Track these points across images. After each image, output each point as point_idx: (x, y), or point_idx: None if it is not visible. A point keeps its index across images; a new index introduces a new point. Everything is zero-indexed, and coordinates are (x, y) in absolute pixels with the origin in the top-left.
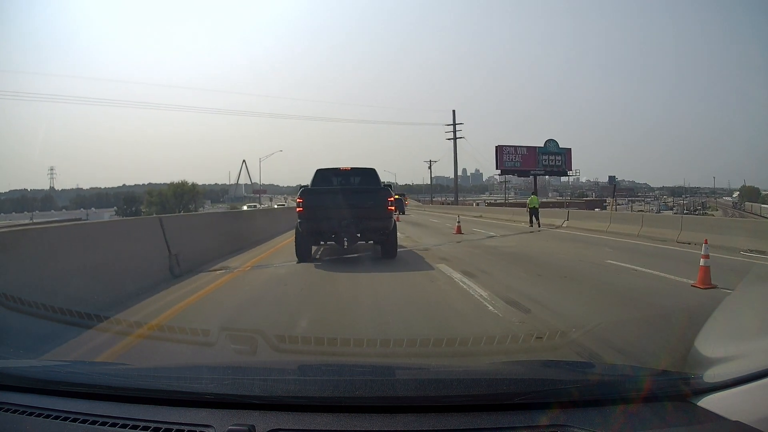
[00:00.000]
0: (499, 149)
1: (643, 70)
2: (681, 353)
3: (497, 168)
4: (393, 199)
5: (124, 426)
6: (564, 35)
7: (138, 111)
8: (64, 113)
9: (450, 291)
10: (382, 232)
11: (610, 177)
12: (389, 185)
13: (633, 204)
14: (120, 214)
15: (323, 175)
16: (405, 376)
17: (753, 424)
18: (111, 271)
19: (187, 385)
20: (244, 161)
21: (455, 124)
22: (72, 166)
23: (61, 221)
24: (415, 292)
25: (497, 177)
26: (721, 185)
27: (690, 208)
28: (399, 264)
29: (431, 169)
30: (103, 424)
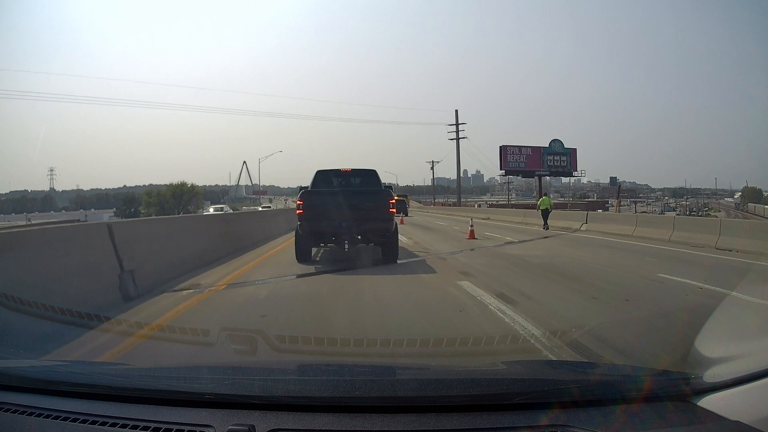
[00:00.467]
0: (503, 149)
1: (644, 70)
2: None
3: (501, 168)
4: (394, 201)
5: (124, 426)
6: (564, 36)
7: (139, 111)
8: (64, 114)
9: (487, 327)
10: (383, 234)
11: (611, 178)
12: (390, 186)
13: (637, 205)
14: (119, 215)
15: (323, 177)
16: (405, 376)
17: (753, 423)
18: (29, 296)
19: (187, 385)
20: (244, 162)
21: (458, 123)
22: (72, 166)
23: (57, 223)
24: (441, 329)
25: (498, 178)
26: (722, 186)
27: (693, 209)
28: (413, 281)
29: (433, 170)
30: (103, 424)
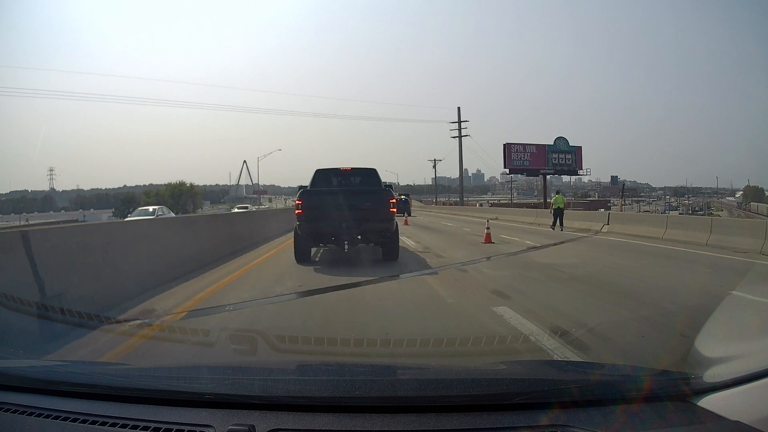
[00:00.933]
0: (507, 147)
1: (644, 69)
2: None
3: (505, 167)
4: (394, 201)
5: (124, 426)
6: (564, 36)
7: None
8: (64, 114)
9: None
10: (383, 234)
11: (612, 177)
12: (390, 186)
13: (640, 204)
14: (117, 215)
15: (323, 176)
16: (405, 376)
17: (753, 423)
18: None
19: (187, 385)
20: (244, 162)
21: (460, 121)
22: (73, 167)
23: (54, 223)
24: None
25: (499, 177)
26: (723, 185)
27: (696, 208)
28: (432, 302)
29: (435, 169)
30: (103, 424)
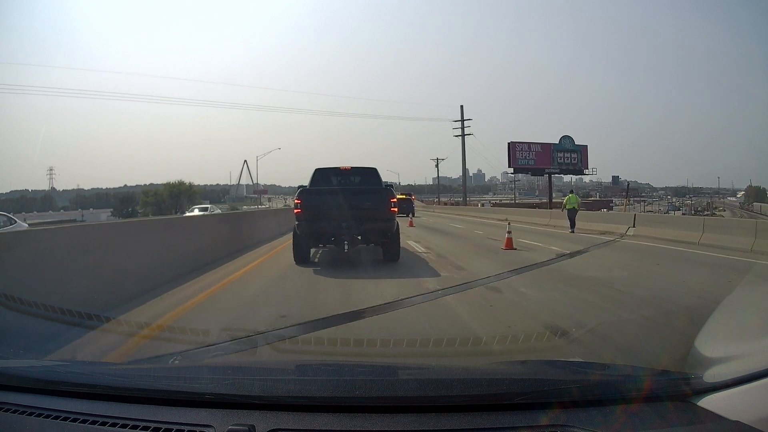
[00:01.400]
0: (512, 146)
1: (645, 69)
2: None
3: (510, 166)
4: (395, 200)
5: (124, 426)
6: (565, 36)
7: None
8: (65, 113)
9: None
10: (384, 234)
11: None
12: (391, 185)
13: (643, 204)
14: (116, 215)
15: (322, 175)
16: (405, 376)
17: (753, 424)
18: None
19: (187, 385)
20: (245, 161)
21: (463, 119)
22: (73, 166)
23: (52, 223)
24: None
25: (500, 177)
26: (725, 185)
27: (698, 208)
28: (466, 347)
29: (438, 168)
30: (103, 424)
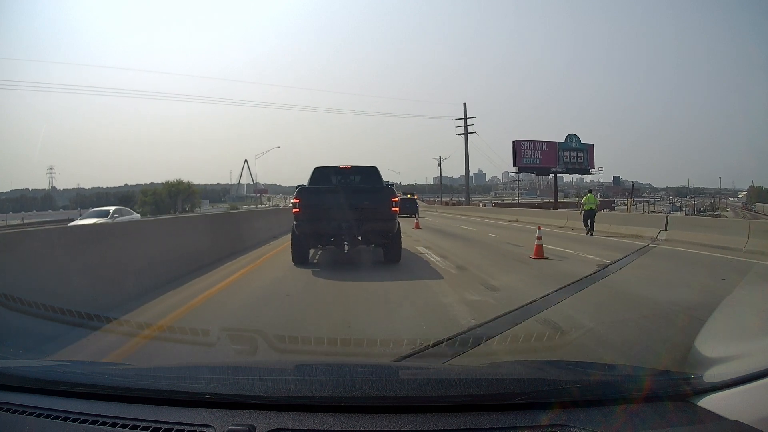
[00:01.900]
0: (517, 144)
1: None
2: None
3: (514, 165)
4: (397, 200)
5: (124, 426)
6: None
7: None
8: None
9: None
10: (385, 235)
11: (615, 177)
12: (391, 184)
13: (649, 205)
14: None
15: (322, 174)
16: (405, 376)
17: (753, 424)
18: None
19: (187, 385)
20: (245, 161)
21: (466, 117)
22: (74, 165)
23: (49, 222)
24: None
25: (501, 177)
26: (726, 186)
27: (701, 208)
28: None
29: (441, 167)
30: (103, 424)
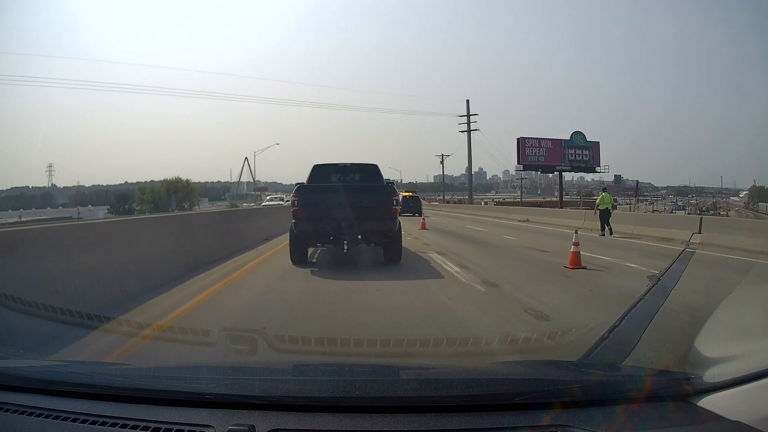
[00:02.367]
0: (521, 141)
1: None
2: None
3: (519, 163)
4: (397, 198)
5: (124, 426)
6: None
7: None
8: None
9: None
10: (385, 234)
11: (616, 176)
12: (392, 182)
13: (650, 204)
14: (113, 212)
15: (321, 172)
16: (405, 376)
17: (753, 424)
18: None
19: (187, 385)
20: (246, 159)
21: (469, 114)
22: (74, 163)
23: (46, 220)
24: None
25: (501, 175)
26: (727, 185)
27: (703, 207)
28: None
29: (443, 164)
30: (103, 424)
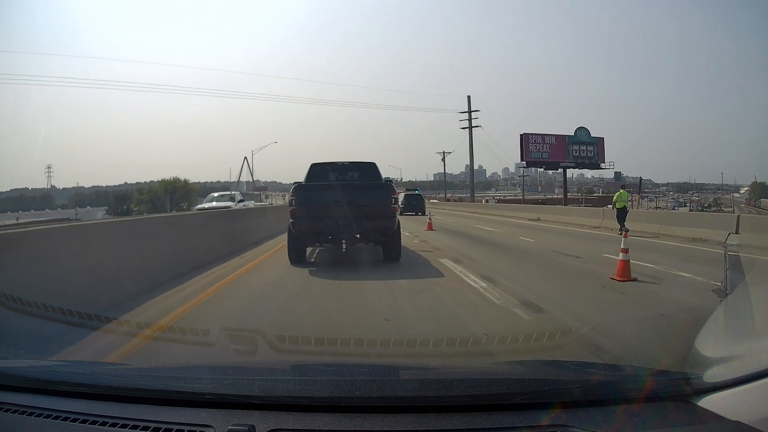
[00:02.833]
0: (525, 138)
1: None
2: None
3: (522, 159)
4: (396, 196)
5: (124, 426)
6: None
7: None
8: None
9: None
10: (384, 233)
11: (616, 173)
12: (390, 181)
13: (654, 201)
14: (111, 213)
15: (319, 170)
16: (405, 376)
17: (753, 424)
18: None
19: (187, 385)
20: (245, 158)
21: (470, 111)
22: (74, 164)
23: (44, 222)
24: None
25: (501, 173)
26: (727, 181)
27: (705, 204)
28: None
29: (444, 162)
30: (103, 424)
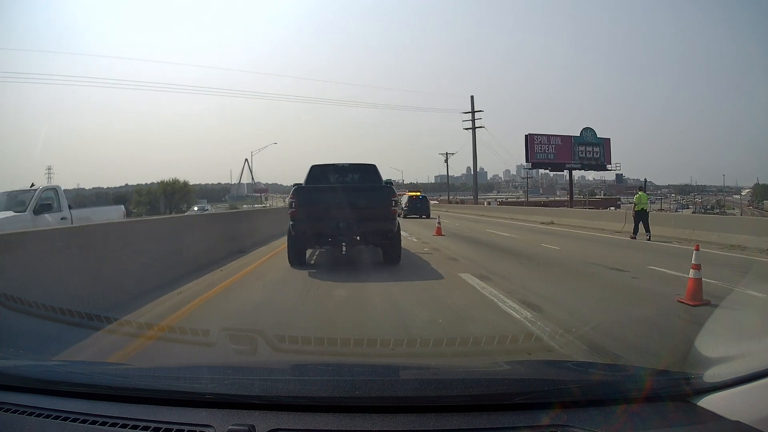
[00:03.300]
0: (530, 138)
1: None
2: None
3: (527, 161)
4: (396, 198)
5: (124, 426)
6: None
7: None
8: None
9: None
10: (384, 235)
11: (617, 175)
12: (391, 183)
13: (655, 203)
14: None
15: (319, 172)
16: (405, 375)
17: (753, 423)
18: None
19: (187, 385)
20: (246, 160)
21: (474, 111)
22: (75, 165)
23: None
24: None
25: (502, 175)
26: (728, 183)
27: (707, 206)
28: None
29: (447, 163)
30: (103, 424)
